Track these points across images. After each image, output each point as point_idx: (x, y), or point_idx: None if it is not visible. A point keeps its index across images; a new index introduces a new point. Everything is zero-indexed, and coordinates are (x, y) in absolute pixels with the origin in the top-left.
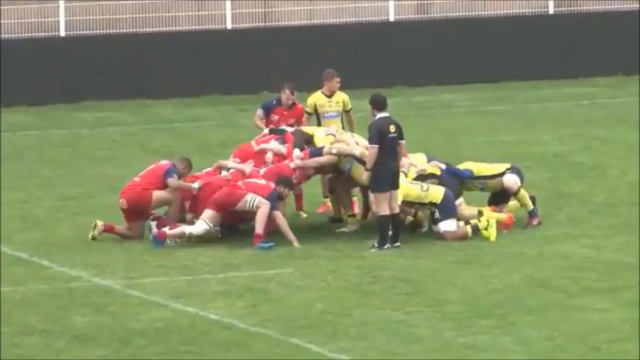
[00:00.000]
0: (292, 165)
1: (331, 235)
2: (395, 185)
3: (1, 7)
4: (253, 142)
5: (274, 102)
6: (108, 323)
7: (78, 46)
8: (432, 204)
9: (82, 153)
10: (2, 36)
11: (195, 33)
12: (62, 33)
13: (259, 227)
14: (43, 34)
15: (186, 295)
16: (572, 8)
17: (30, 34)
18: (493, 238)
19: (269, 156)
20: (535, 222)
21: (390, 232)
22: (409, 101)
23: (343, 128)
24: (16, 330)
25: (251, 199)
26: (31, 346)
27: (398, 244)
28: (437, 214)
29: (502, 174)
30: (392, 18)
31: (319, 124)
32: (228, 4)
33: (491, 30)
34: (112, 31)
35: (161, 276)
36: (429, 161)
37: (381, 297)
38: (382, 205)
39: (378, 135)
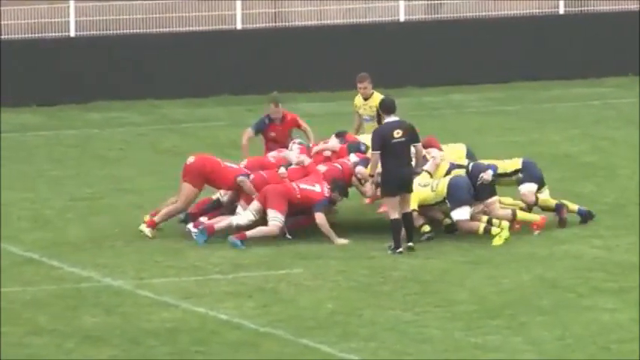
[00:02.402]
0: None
1: (341, 235)
2: (406, 188)
3: (11, 8)
4: (270, 156)
5: (266, 121)
6: (118, 323)
7: (88, 47)
8: (445, 198)
9: (91, 153)
10: (12, 36)
11: (205, 33)
12: (72, 33)
13: (257, 232)
14: (53, 34)
15: (197, 296)
16: (583, 8)
17: (40, 35)
18: (496, 243)
19: (282, 170)
20: (563, 214)
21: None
22: (419, 102)
23: None
24: (26, 330)
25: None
26: (41, 347)
27: (411, 244)
28: (448, 205)
29: (515, 173)
30: (402, 18)
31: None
32: (238, 4)
33: (502, 30)
34: (121, 31)
35: (171, 276)
36: (468, 154)
37: (390, 297)
38: (393, 209)
39: (380, 141)
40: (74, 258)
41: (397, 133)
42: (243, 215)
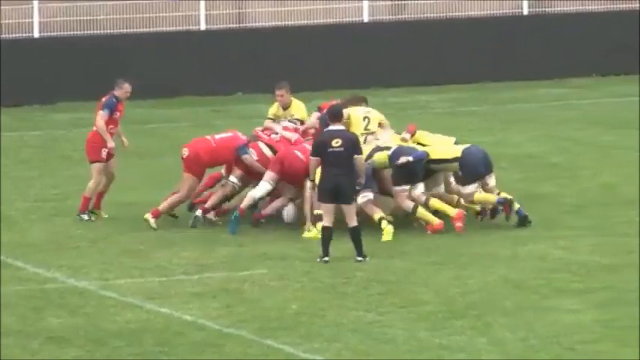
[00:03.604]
0: None
1: (306, 237)
2: (342, 199)
3: None
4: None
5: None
6: (83, 324)
7: (52, 47)
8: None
9: (57, 154)
10: None
11: (169, 34)
12: (36, 34)
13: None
14: (17, 35)
15: (161, 296)
16: (546, 9)
17: (4, 35)
18: (384, 239)
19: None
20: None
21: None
22: (385, 102)
23: None
24: None
25: None
26: (6, 347)
27: (360, 258)
28: None
29: (455, 160)
30: (366, 19)
31: None
32: (202, 5)
33: (466, 31)
34: (86, 32)
35: (136, 277)
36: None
37: (354, 298)
38: (326, 216)
39: (317, 148)
40: (39, 259)
41: (336, 142)
42: (260, 187)
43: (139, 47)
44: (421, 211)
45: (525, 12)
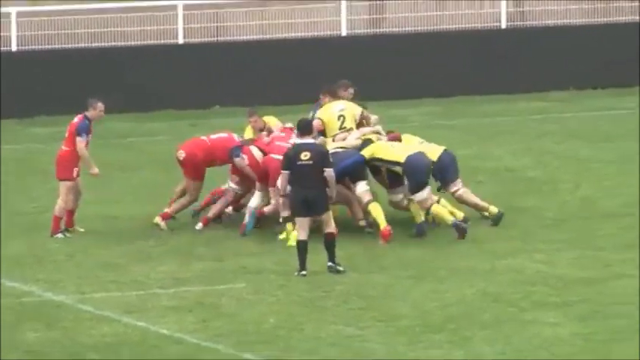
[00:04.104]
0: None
1: (283, 250)
2: (314, 212)
3: None
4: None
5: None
6: (60, 338)
7: (30, 61)
8: None
9: (35, 168)
10: None
11: (147, 48)
12: (14, 48)
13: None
14: None
15: (138, 310)
16: (524, 23)
17: None
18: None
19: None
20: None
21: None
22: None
23: None
24: None
25: None
26: None
27: (330, 263)
28: None
29: (395, 164)
30: (344, 33)
31: None
32: (180, 18)
33: (444, 44)
34: (64, 45)
35: (113, 291)
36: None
37: (333, 312)
38: (300, 230)
39: (287, 161)
40: (16, 272)
41: (305, 156)
42: (255, 198)
43: (117, 61)
44: (372, 209)
45: (503, 25)
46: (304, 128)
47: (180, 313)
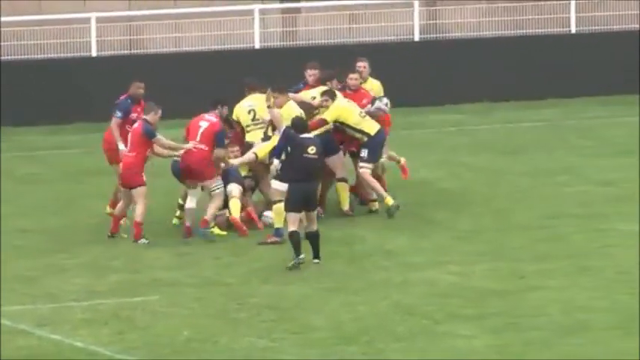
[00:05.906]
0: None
1: (198, 263)
2: (309, 206)
3: None
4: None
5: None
6: None
7: None
8: None
9: None
10: None
11: (60, 60)
12: None
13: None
14: None
15: (52, 323)
16: (438, 35)
17: None
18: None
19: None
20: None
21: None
22: None
23: None
24: None
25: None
26: None
27: (317, 260)
28: None
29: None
30: (257, 45)
31: None
32: (93, 31)
33: (356, 57)
34: None
35: (27, 304)
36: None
37: (247, 324)
38: (293, 223)
39: (294, 145)
40: None
41: (311, 150)
42: (190, 200)
43: (30, 73)
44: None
45: (416, 38)
46: (301, 126)
47: (95, 325)
